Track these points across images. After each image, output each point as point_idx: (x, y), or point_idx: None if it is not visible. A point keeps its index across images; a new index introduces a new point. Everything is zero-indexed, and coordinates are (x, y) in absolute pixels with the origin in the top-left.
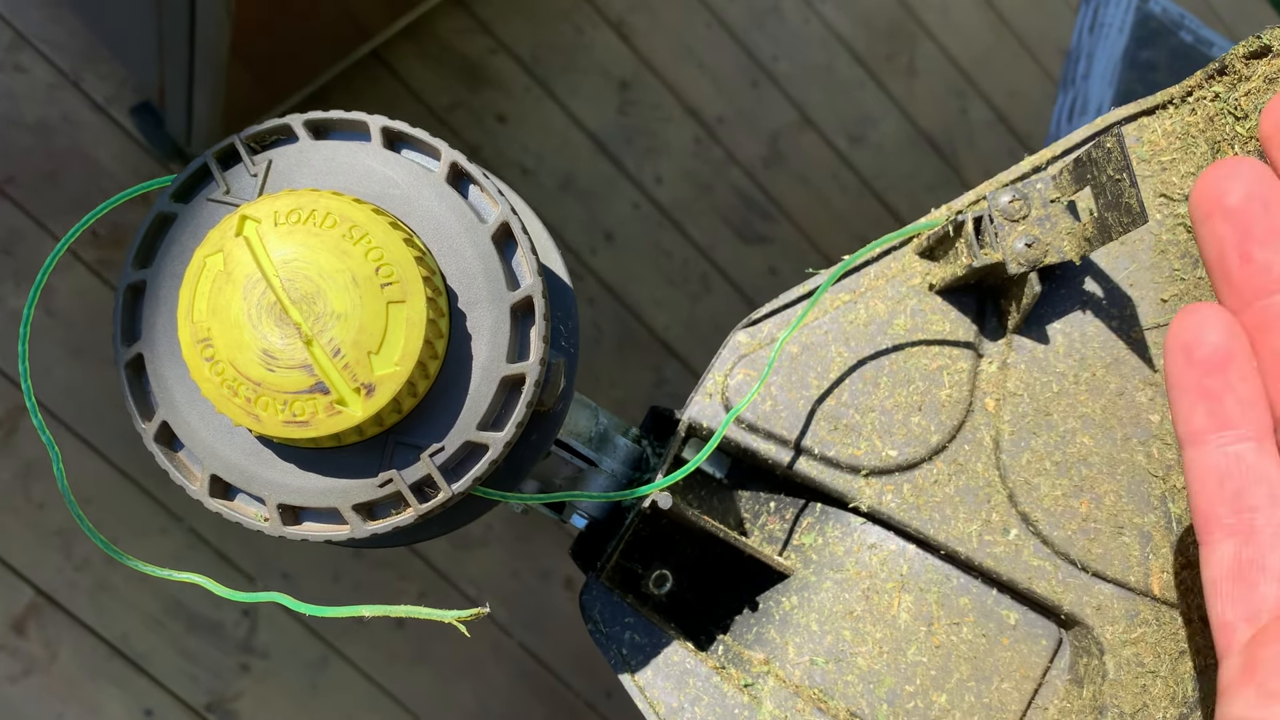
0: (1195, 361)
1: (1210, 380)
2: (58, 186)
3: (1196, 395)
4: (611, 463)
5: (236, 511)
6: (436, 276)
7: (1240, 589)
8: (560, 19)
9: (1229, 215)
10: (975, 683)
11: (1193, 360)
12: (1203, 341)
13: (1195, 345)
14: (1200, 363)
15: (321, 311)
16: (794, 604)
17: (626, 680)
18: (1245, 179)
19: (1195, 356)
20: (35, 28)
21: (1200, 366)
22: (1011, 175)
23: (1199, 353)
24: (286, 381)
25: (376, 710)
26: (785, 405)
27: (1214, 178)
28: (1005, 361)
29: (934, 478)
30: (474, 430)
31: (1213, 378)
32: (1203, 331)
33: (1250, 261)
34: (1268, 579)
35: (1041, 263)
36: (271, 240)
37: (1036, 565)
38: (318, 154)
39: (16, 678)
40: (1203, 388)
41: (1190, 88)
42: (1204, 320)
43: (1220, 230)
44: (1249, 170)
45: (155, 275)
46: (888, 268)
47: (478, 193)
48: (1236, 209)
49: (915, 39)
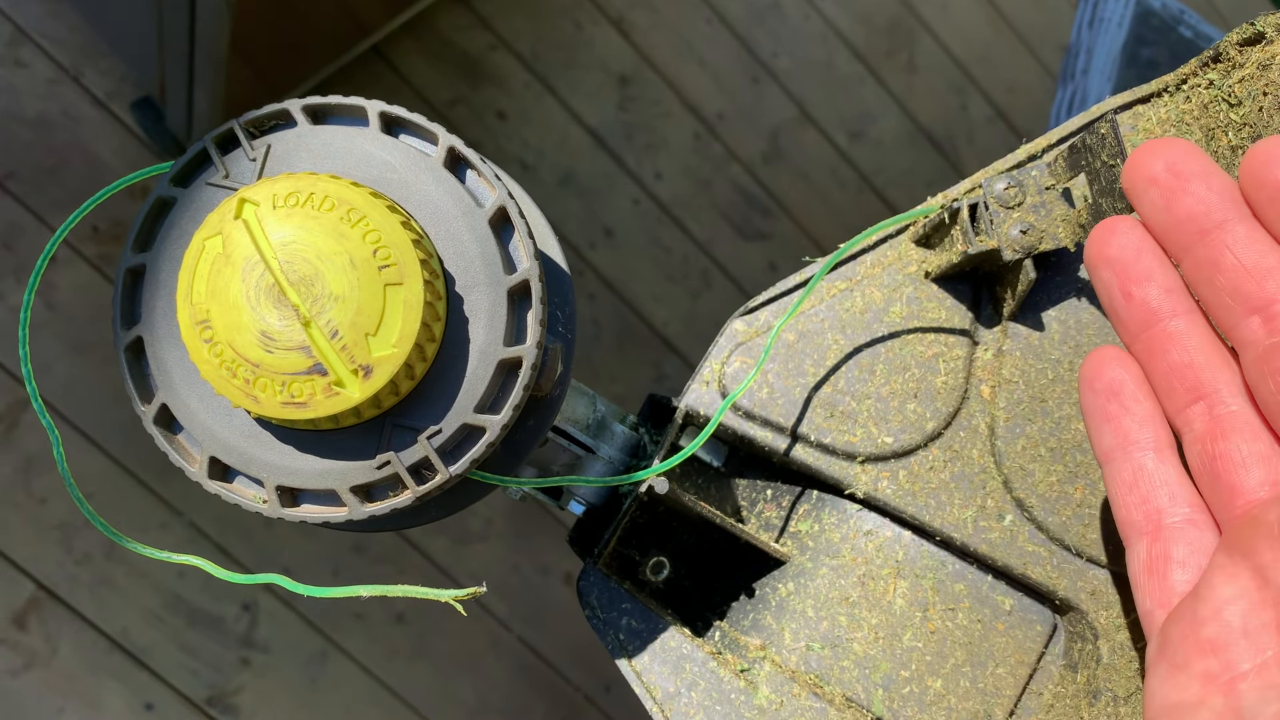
0: (1097, 391)
1: (1110, 405)
2: (58, 181)
3: (1101, 419)
4: (609, 450)
5: (235, 493)
6: (434, 260)
7: (1154, 580)
8: (560, 15)
9: (1110, 263)
10: (970, 668)
11: (1095, 390)
12: (1100, 374)
13: (1095, 378)
14: (1100, 392)
15: (319, 293)
16: (790, 590)
17: (624, 665)
18: (1120, 232)
19: (1096, 387)
20: (35, 23)
21: (1101, 395)
22: (1007, 163)
23: (1098, 384)
24: (285, 363)
25: (376, 704)
26: (782, 392)
27: (1098, 234)
28: (1000, 348)
29: (929, 464)
30: (471, 413)
31: (1111, 403)
32: (1100, 366)
33: (1131, 299)
34: (1174, 568)
35: (1036, 249)
36: (270, 223)
37: (1031, 551)
38: (316, 139)
39: (17, 672)
40: (1105, 412)
41: (1184, 75)
42: (1100, 358)
43: (1105, 276)
44: (1124, 225)
45: (155, 259)
46: (883, 255)
47: (475, 178)
48: (1114, 257)
49: (915, 35)
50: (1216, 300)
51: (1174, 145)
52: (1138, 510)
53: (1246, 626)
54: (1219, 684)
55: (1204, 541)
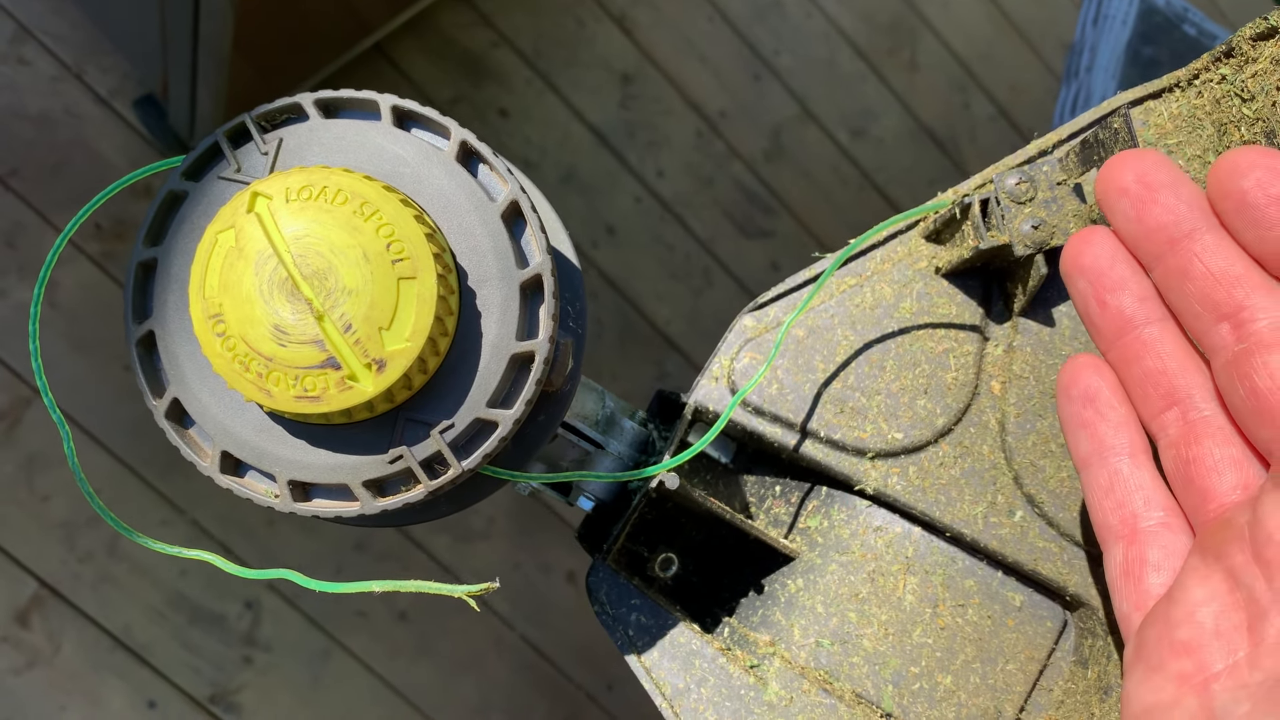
0: (1073, 398)
1: (1085, 412)
2: (61, 179)
3: (1077, 425)
4: (618, 445)
5: (247, 488)
6: (446, 254)
7: (1130, 583)
8: (562, 12)
9: (1084, 272)
10: (980, 664)
11: (1071, 398)
12: (1075, 382)
13: (1071, 385)
14: (1076, 399)
15: (333, 287)
16: (799, 586)
17: (633, 661)
18: (1094, 242)
19: (1072, 394)
20: (38, 20)
21: (1076, 402)
22: (1018, 159)
23: (1074, 391)
24: (298, 357)
25: (378, 703)
26: (791, 388)
27: (1072, 244)
28: (1011, 344)
29: (940, 460)
30: (484, 407)
31: (1086, 410)
32: (1076, 374)
33: (1105, 307)
34: (1149, 570)
35: (1048, 245)
36: (283, 216)
37: (1042, 547)
38: (328, 132)
39: (20, 670)
40: (1081, 418)
41: (1197, 70)
42: (1076, 365)
43: (1080, 285)
44: (1098, 235)
45: (166, 253)
46: (894, 251)
47: (487, 171)
48: (1089, 266)
49: (917, 33)
50: (1187, 308)
51: (1144, 156)
52: (1114, 514)
53: (1219, 628)
54: (1192, 685)
55: (1178, 545)
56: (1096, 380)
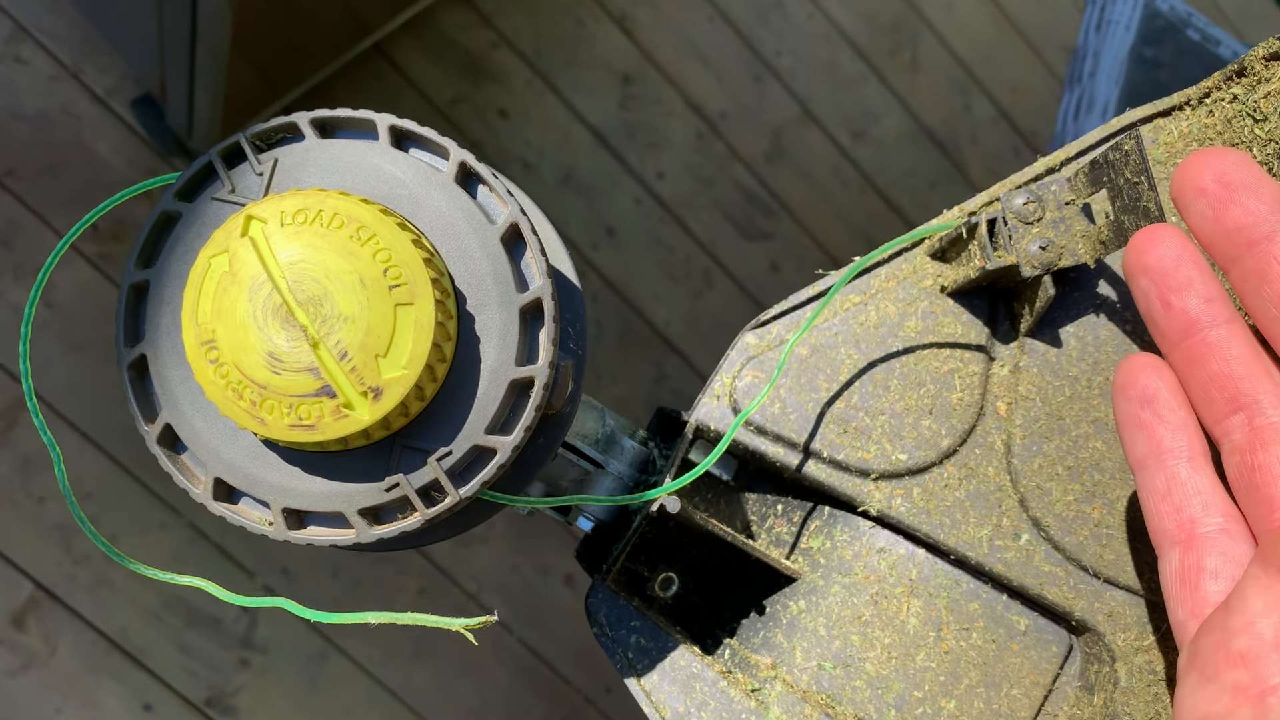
0: (1130, 399)
1: (1143, 413)
2: (58, 179)
3: (1134, 426)
4: (618, 465)
5: (241, 515)
6: (445, 278)
7: (1186, 590)
8: (562, 13)
9: (1148, 271)
10: (984, 689)
11: (1128, 398)
12: (1134, 382)
13: (1129, 386)
14: (1134, 399)
15: (328, 314)
16: (801, 608)
17: (632, 685)
18: (1160, 240)
19: (1130, 394)
20: (35, 19)
21: (1134, 403)
22: (1025, 176)
23: (1131, 391)
24: (293, 385)
25: (376, 706)
26: (794, 408)
27: (1137, 242)
28: (1017, 365)
29: (944, 482)
30: (482, 434)
31: (1144, 411)
32: (1134, 374)
33: (1170, 308)
34: (1207, 578)
35: (1056, 266)
36: (278, 241)
37: (1048, 571)
38: (324, 152)
39: (16, 672)
40: (1137, 419)
41: (1208, 89)
42: (1134, 365)
43: (1143, 284)
44: (1164, 233)
45: (159, 275)
46: (899, 269)
47: (486, 193)
48: (1153, 266)
49: (918, 34)
50: (1263, 311)
51: (1224, 156)
52: (1170, 519)
53: (1278, 640)
54: (1248, 696)
55: (1238, 552)
56: (1156, 381)
